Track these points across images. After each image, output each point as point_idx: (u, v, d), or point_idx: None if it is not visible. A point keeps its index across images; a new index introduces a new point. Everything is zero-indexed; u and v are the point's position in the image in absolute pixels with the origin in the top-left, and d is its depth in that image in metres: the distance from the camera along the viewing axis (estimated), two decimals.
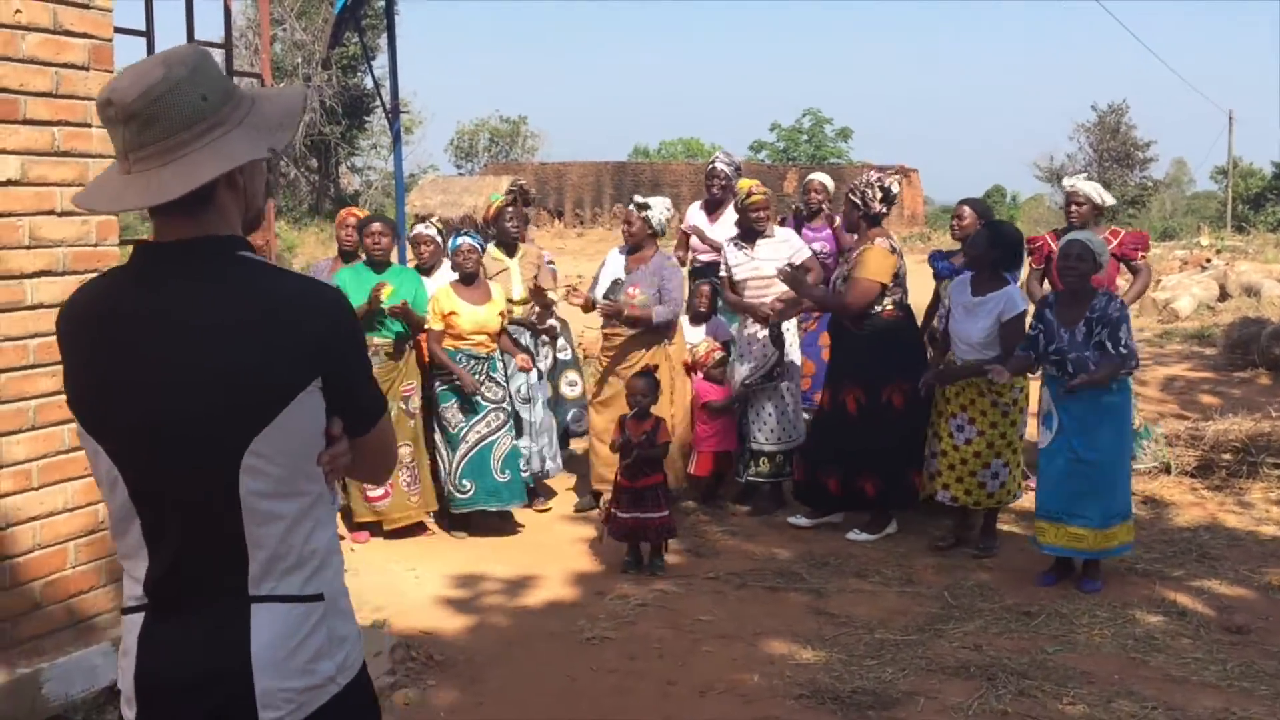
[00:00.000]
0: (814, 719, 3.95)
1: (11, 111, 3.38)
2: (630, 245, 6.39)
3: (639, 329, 6.15)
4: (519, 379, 6.29)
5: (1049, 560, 5.38)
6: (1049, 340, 5.18)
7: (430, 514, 6.22)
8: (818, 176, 7.73)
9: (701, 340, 6.60)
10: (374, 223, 6.01)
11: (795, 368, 6.56)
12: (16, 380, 3.46)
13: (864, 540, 5.97)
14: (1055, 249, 6.12)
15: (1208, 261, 18.22)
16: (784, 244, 6.49)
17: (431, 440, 6.12)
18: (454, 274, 6.10)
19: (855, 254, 5.94)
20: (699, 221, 7.39)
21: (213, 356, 1.64)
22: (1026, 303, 5.77)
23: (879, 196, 5.90)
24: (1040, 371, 5.38)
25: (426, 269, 6.35)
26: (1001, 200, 49.07)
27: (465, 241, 6.01)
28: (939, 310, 6.40)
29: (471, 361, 5.99)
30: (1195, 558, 5.66)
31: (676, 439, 6.13)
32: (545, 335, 6.55)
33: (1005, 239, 5.69)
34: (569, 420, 6.80)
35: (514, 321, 6.35)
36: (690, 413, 6.46)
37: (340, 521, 6.11)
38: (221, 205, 1.73)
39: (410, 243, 6.50)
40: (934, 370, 5.71)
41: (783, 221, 7.46)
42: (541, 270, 6.54)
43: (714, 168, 7.34)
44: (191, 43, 5.25)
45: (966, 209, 6.56)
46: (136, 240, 1.79)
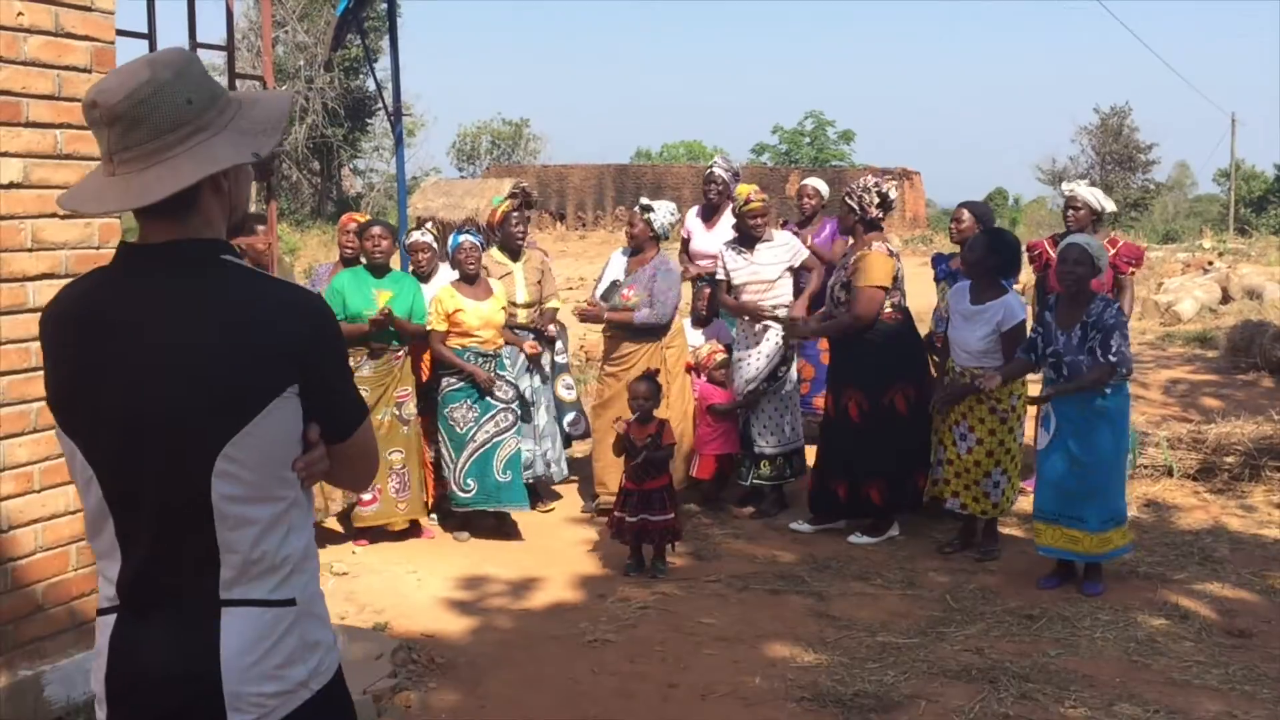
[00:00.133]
0: None
1: (14, 114, 3.39)
2: (632, 247, 6.42)
3: (628, 331, 6.19)
4: (525, 380, 6.30)
5: (1051, 564, 5.37)
6: (1047, 342, 5.18)
7: (432, 515, 6.22)
8: (811, 181, 7.70)
9: (704, 343, 6.61)
10: (374, 227, 6.00)
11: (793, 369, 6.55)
12: (19, 383, 3.47)
13: (866, 543, 5.97)
14: (1053, 254, 6.12)
15: (1210, 264, 18.18)
16: (783, 248, 6.47)
17: (434, 444, 6.10)
18: (453, 273, 6.08)
19: (853, 260, 5.91)
20: (694, 228, 7.37)
21: (188, 359, 1.64)
22: (1025, 310, 5.77)
23: (875, 202, 5.87)
24: (1042, 373, 5.38)
25: (424, 275, 6.32)
26: (1004, 203, 49.06)
27: (466, 239, 5.96)
28: (936, 315, 6.39)
29: (479, 359, 5.96)
30: (1197, 561, 5.65)
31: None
32: (545, 339, 6.55)
33: (1003, 246, 5.67)
34: (566, 424, 6.80)
35: (518, 327, 6.37)
36: (692, 416, 6.47)
37: (340, 525, 6.11)
38: (205, 208, 1.73)
39: (407, 250, 6.49)
40: (941, 392, 5.68)
41: (784, 225, 7.45)
42: (546, 275, 6.56)
43: (711, 172, 7.32)
44: (192, 45, 5.26)
45: (965, 212, 6.57)
46: (121, 242, 1.79)
